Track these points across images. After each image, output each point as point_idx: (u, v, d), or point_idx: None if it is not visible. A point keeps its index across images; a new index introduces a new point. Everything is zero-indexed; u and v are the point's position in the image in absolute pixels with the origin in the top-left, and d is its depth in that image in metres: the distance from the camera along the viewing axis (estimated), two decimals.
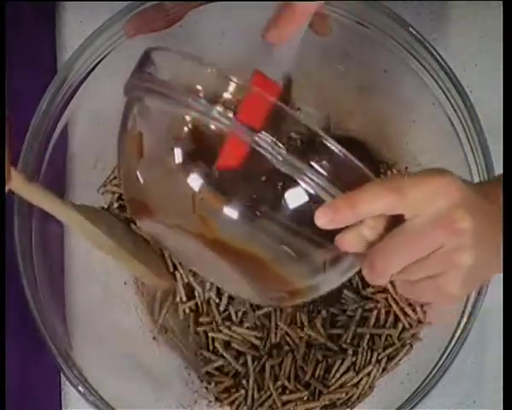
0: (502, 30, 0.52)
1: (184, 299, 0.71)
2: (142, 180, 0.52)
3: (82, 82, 0.62)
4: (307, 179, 0.46)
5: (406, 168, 0.72)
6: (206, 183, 0.49)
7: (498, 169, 0.58)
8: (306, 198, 0.47)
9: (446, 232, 0.46)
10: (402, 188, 0.46)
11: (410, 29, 0.61)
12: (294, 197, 0.48)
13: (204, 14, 0.63)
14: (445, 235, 0.46)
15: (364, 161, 0.72)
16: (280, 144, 0.45)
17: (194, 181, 0.49)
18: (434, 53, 0.61)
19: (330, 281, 0.54)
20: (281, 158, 0.46)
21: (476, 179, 0.62)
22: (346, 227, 0.47)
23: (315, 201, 0.47)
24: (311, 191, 0.47)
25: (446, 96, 0.62)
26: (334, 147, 0.46)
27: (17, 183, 0.55)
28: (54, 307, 0.63)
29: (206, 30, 0.67)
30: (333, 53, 0.68)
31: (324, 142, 0.46)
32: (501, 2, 0.60)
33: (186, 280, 0.71)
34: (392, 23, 0.61)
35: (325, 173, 0.46)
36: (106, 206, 0.70)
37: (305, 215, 0.48)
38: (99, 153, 0.69)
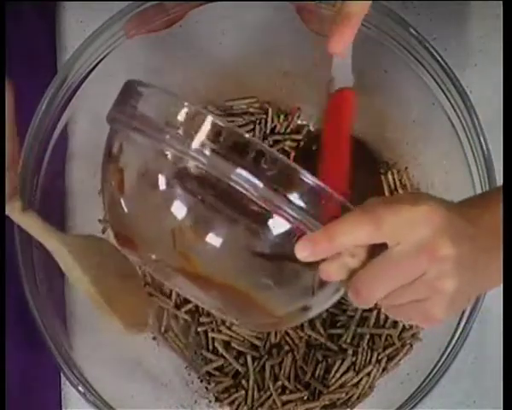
0: (502, 30, 0.52)
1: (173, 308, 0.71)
2: (126, 213, 0.52)
3: (82, 82, 0.62)
4: (284, 213, 0.46)
5: (406, 168, 0.72)
6: (186, 217, 0.49)
7: (498, 169, 0.58)
8: (287, 228, 0.47)
9: (429, 260, 0.46)
10: (379, 218, 0.46)
11: (410, 29, 0.61)
12: (275, 228, 0.48)
13: (204, 14, 0.63)
14: (428, 262, 0.46)
15: (365, 161, 0.72)
16: (256, 180, 0.46)
17: (175, 213, 0.49)
18: (434, 53, 0.61)
19: (320, 303, 0.54)
20: (256, 194, 0.46)
21: (476, 180, 0.62)
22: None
23: (295, 231, 0.47)
24: (289, 225, 0.47)
25: (446, 96, 0.62)
26: (310, 180, 0.46)
27: (13, 210, 0.55)
28: (54, 307, 0.63)
29: (206, 30, 0.67)
30: None
31: (301, 176, 0.46)
32: (501, 2, 0.60)
33: None
34: (392, 23, 0.61)
35: (302, 205, 0.46)
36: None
37: (287, 244, 0.48)
38: (99, 153, 0.69)
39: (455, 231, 0.46)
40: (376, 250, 0.47)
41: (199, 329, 0.71)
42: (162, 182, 0.49)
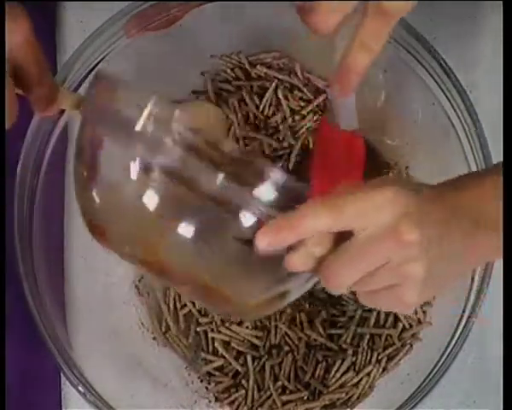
0: (502, 30, 0.52)
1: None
2: (97, 202, 0.51)
3: (82, 82, 0.62)
4: (249, 206, 0.46)
5: (406, 168, 0.72)
6: (157, 206, 0.48)
7: None
8: (254, 220, 0.47)
9: (393, 245, 0.45)
10: (340, 205, 0.45)
11: (411, 29, 0.61)
12: (243, 219, 0.47)
13: (204, 14, 0.63)
14: (392, 248, 0.45)
15: (365, 161, 0.72)
16: (218, 173, 0.45)
17: (146, 200, 0.48)
18: (434, 53, 0.61)
19: (298, 288, 0.52)
20: (218, 183, 0.45)
21: None
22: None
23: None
24: (254, 217, 0.46)
25: (446, 96, 0.62)
26: (277, 173, 0.46)
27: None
28: (54, 307, 0.63)
29: (206, 30, 0.67)
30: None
31: (265, 168, 0.46)
32: (501, 2, 0.60)
33: None
34: None
35: (267, 199, 0.46)
36: None
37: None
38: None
39: (420, 215, 0.45)
40: (342, 237, 0.46)
41: (198, 329, 0.71)
42: (133, 172, 0.48)
